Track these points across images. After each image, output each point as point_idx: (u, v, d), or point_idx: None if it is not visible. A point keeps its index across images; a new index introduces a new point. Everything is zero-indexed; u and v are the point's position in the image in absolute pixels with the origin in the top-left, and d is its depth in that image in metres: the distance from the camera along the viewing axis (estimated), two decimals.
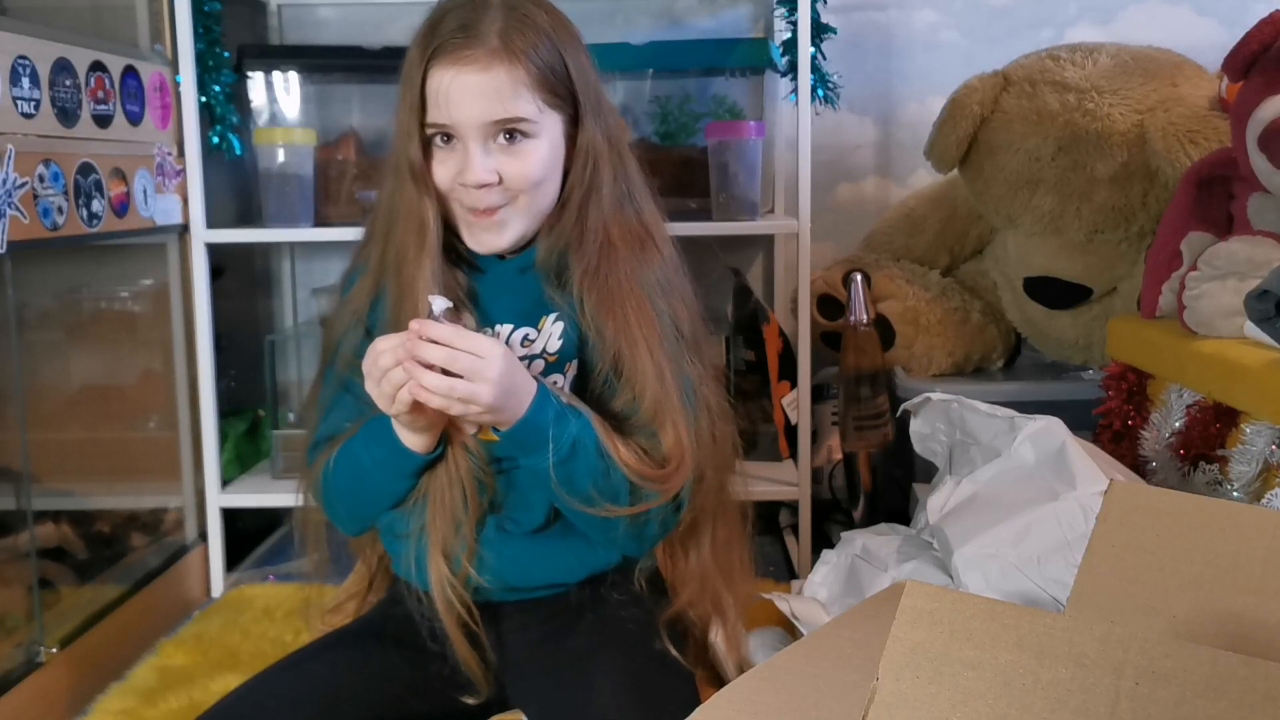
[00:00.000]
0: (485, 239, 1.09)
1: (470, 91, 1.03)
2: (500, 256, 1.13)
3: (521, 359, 1.08)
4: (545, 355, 1.12)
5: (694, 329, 1.15)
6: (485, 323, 1.11)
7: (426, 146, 1.07)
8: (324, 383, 1.16)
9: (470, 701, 1.10)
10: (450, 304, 1.01)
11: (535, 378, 1.04)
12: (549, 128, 1.07)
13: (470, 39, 1.03)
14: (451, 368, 0.96)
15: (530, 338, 1.11)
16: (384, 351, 0.98)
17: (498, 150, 1.06)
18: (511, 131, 1.05)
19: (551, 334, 1.12)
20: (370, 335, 1.10)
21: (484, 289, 1.13)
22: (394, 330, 1.03)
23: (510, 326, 1.12)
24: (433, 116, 1.05)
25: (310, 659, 1.10)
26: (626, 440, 1.06)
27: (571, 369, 1.12)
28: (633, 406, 1.08)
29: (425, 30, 1.06)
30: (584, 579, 1.13)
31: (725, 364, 2.07)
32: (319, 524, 1.18)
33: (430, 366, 0.96)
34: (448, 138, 1.06)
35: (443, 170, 1.07)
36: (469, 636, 1.08)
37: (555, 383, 1.10)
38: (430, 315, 0.99)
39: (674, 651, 1.09)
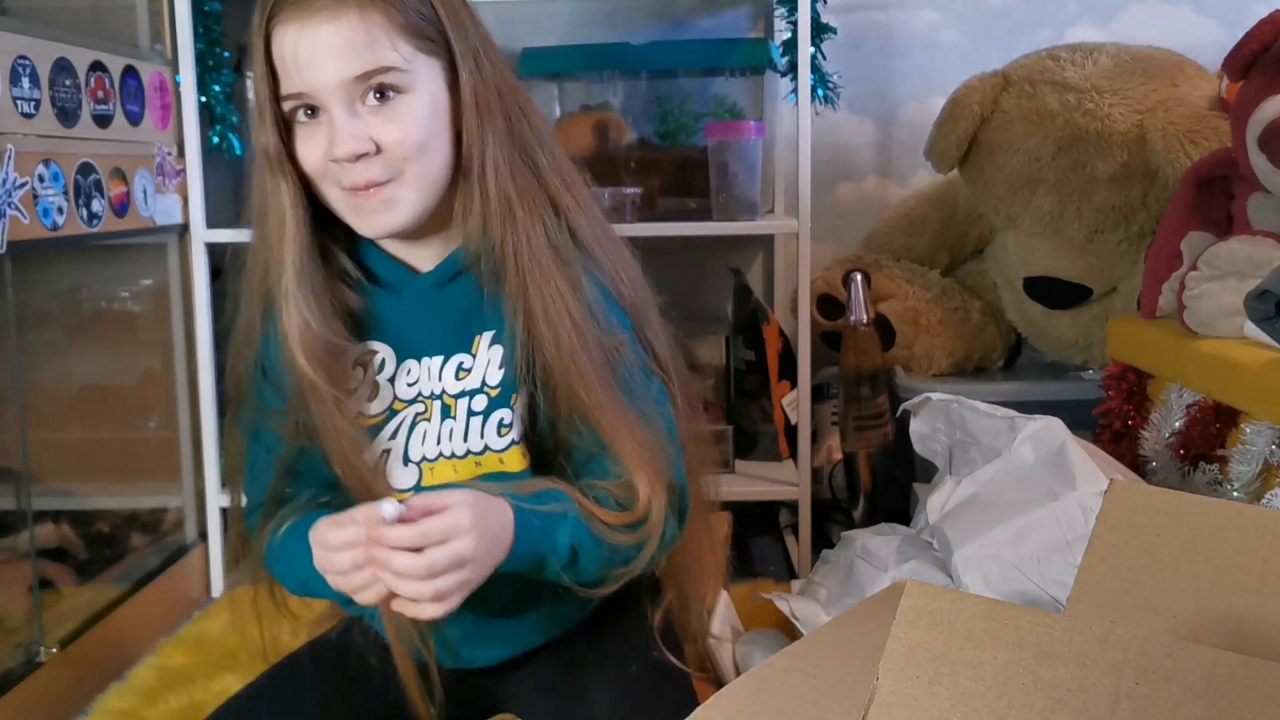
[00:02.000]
0: (376, 220, 0.93)
1: (321, 46, 0.88)
2: (415, 271, 0.99)
3: (458, 396, 0.95)
4: (486, 389, 0.97)
5: (636, 296, 1.02)
6: (411, 354, 0.97)
7: (288, 126, 0.92)
8: (232, 438, 1.03)
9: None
10: (401, 507, 0.83)
11: (504, 497, 0.89)
12: (426, 78, 0.92)
13: None
14: (424, 543, 0.82)
15: (465, 367, 0.96)
16: (338, 550, 0.83)
17: (368, 113, 0.90)
18: (381, 89, 0.90)
19: (490, 360, 0.96)
20: (267, 376, 0.98)
21: (400, 313, 0.98)
22: (285, 372, 0.92)
23: (440, 359, 0.97)
24: (285, 86, 0.90)
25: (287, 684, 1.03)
26: (608, 500, 0.94)
27: (520, 402, 0.96)
28: (597, 443, 0.95)
29: None
30: (561, 632, 1.05)
31: (725, 364, 2.08)
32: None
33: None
34: (311, 110, 0.91)
35: (311, 150, 0.92)
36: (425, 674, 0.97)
37: (503, 420, 0.96)
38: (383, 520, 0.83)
39: (670, 657, 1.05)
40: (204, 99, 1.85)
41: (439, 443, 0.97)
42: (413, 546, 0.81)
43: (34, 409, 1.55)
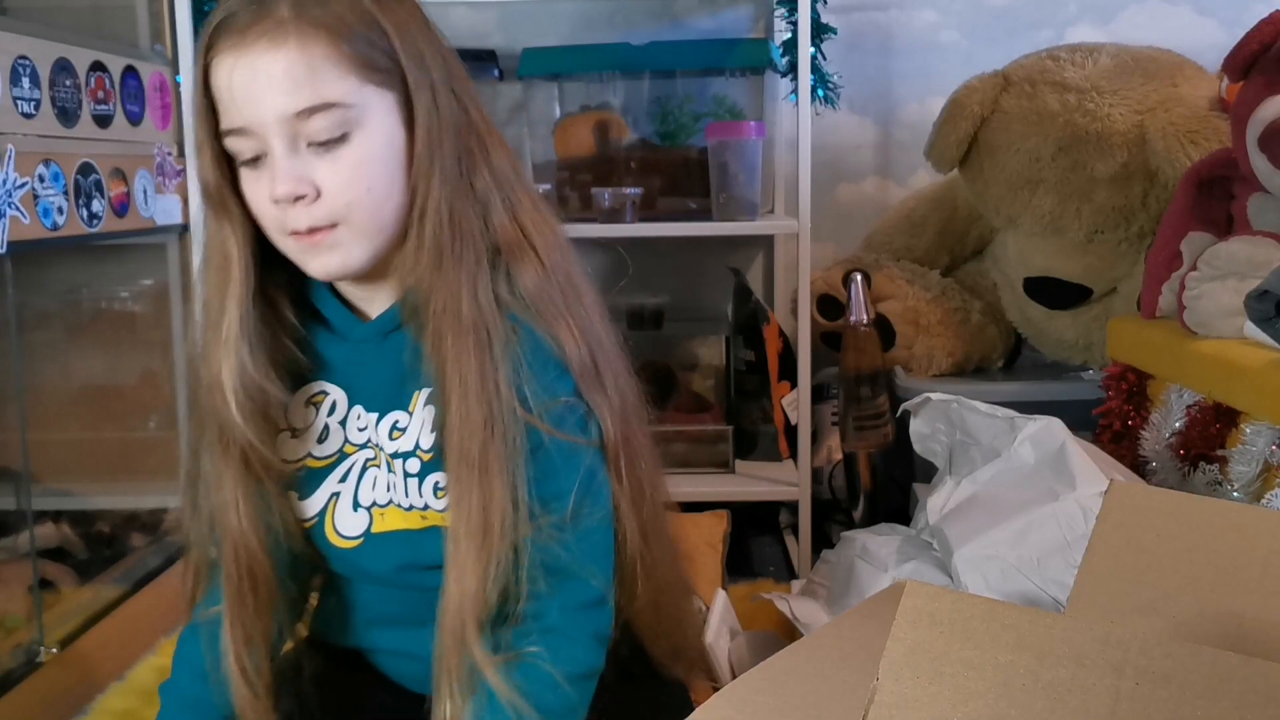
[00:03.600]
0: (322, 262, 0.87)
1: (259, 78, 0.82)
2: (364, 317, 0.93)
3: (393, 456, 0.90)
4: (419, 452, 0.90)
5: (587, 355, 0.90)
6: (360, 401, 0.93)
7: (230, 163, 0.87)
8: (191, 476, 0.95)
9: None
10: None
11: None
12: (377, 113, 0.85)
13: (256, 11, 0.82)
14: None
15: (400, 425, 0.91)
16: None
17: (311, 153, 0.84)
18: (324, 131, 0.83)
19: (424, 421, 0.89)
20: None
21: (347, 359, 0.94)
22: (206, 446, 0.88)
23: (375, 415, 0.92)
24: (225, 121, 0.84)
25: None
26: (534, 679, 0.84)
27: None
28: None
29: (208, 21, 0.85)
30: None
31: (725, 364, 2.08)
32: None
33: None
34: (255, 159, 0.85)
35: (255, 191, 0.86)
36: None
37: (438, 484, 0.89)
38: None
39: (665, 669, 1.03)
40: None
41: (389, 489, 0.92)
42: None
43: (34, 409, 1.55)
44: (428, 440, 0.89)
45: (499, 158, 0.91)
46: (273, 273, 0.91)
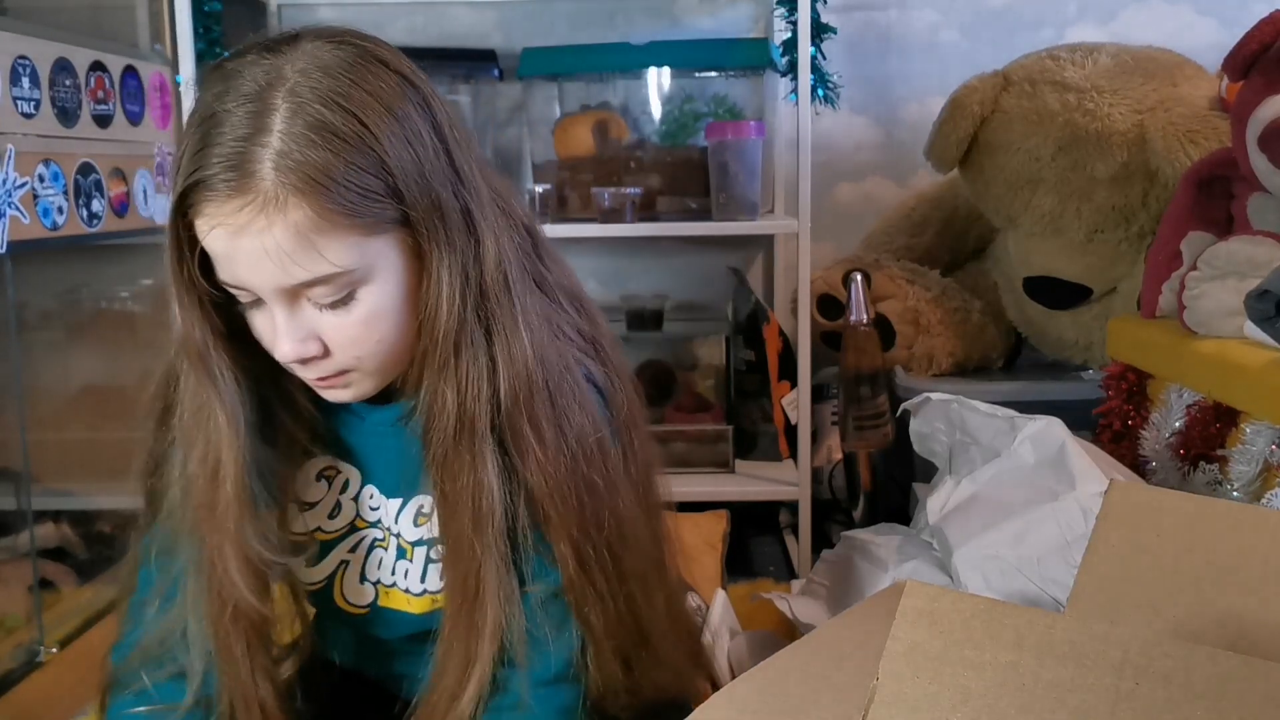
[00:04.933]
0: (333, 395, 0.85)
1: (252, 256, 0.75)
2: (372, 402, 0.88)
3: (415, 543, 0.88)
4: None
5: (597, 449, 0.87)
6: (374, 481, 0.91)
7: (216, 310, 0.81)
8: (133, 544, 0.93)
9: None
10: None
11: None
12: (382, 263, 0.78)
13: (236, 178, 0.73)
14: None
15: (425, 511, 0.88)
16: None
17: (315, 311, 0.79)
18: (326, 296, 0.78)
19: None
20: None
21: (362, 441, 0.91)
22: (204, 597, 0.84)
23: (398, 501, 0.89)
24: (220, 272, 0.78)
25: None
26: None
27: None
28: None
29: (189, 148, 0.75)
30: None
31: (725, 364, 2.08)
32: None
33: None
34: (256, 301, 0.79)
35: (261, 325, 0.81)
36: None
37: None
38: None
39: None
40: None
41: (393, 574, 0.91)
42: None
43: (34, 409, 1.55)
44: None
45: (502, 242, 0.83)
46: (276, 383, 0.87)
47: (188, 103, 1.79)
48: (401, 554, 0.91)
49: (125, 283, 1.86)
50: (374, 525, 0.92)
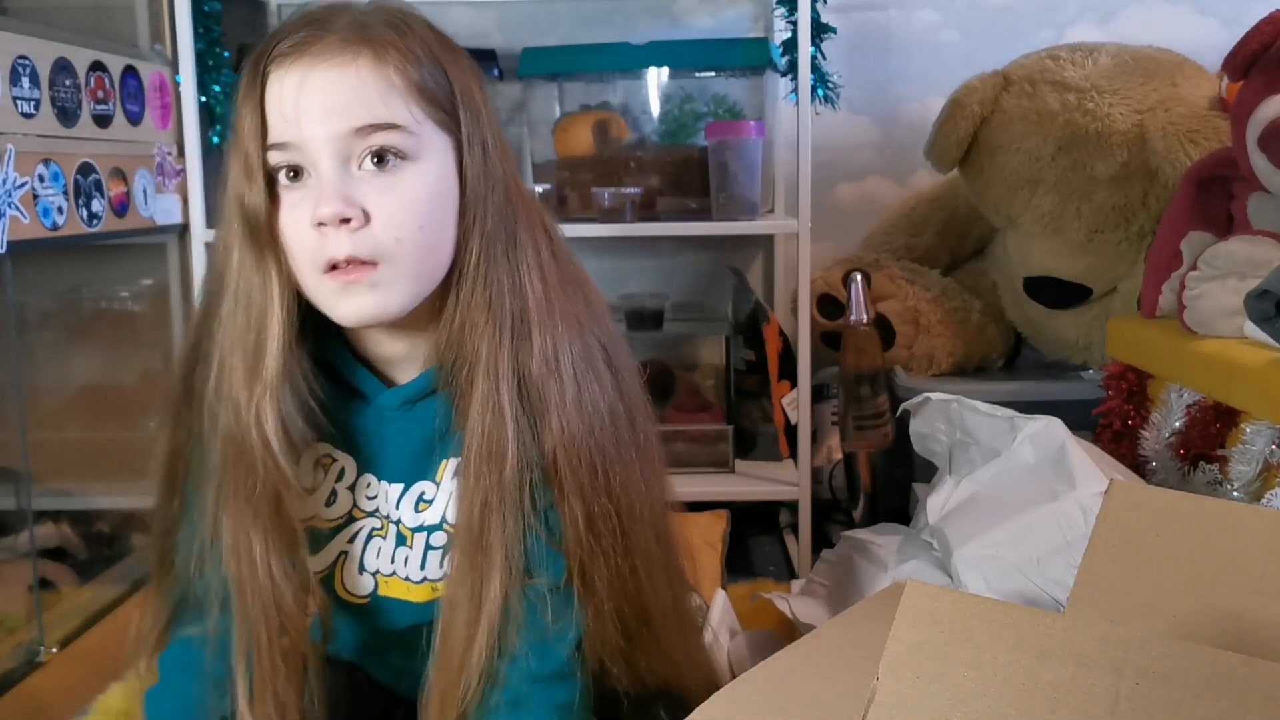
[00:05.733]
0: (357, 303, 0.81)
1: (322, 91, 0.78)
2: (389, 382, 0.89)
3: (415, 529, 0.88)
4: (445, 526, 0.88)
5: (627, 406, 0.90)
6: (372, 470, 0.90)
7: (271, 189, 0.81)
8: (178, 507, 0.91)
9: None
10: None
11: None
12: (434, 150, 0.82)
13: (320, 30, 0.79)
14: None
15: (427, 498, 0.88)
16: None
17: (363, 177, 0.80)
18: (382, 152, 0.79)
19: (452, 492, 0.87)
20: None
21: (364, 426, 0.89)
22: (226, 496, 0.82)
23: (399, 486, 0.89)
24: (274, 134, 0.79)
25: None
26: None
27: None
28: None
29: (267, 38, 0.82)
30: None
31: (725, 364, 2.08)
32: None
33: None
34: (295, 172, 0.80)
35: (293, 219, 0.80)
36: None
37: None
38: None
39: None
40: (204, 99, 1.85)
41: (392, 562, 0.90)
42: None
43: (34, 409, 1.55)
44: (453, 513, 0.86)
45: (531, 224, 0.88)
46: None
47: (188, 103, 1.79)
48: (401, 541, 0.90)
49: (125, 283, 1.86)
50: (371, 515, 0.91)
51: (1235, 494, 1.25)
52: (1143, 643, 0.60)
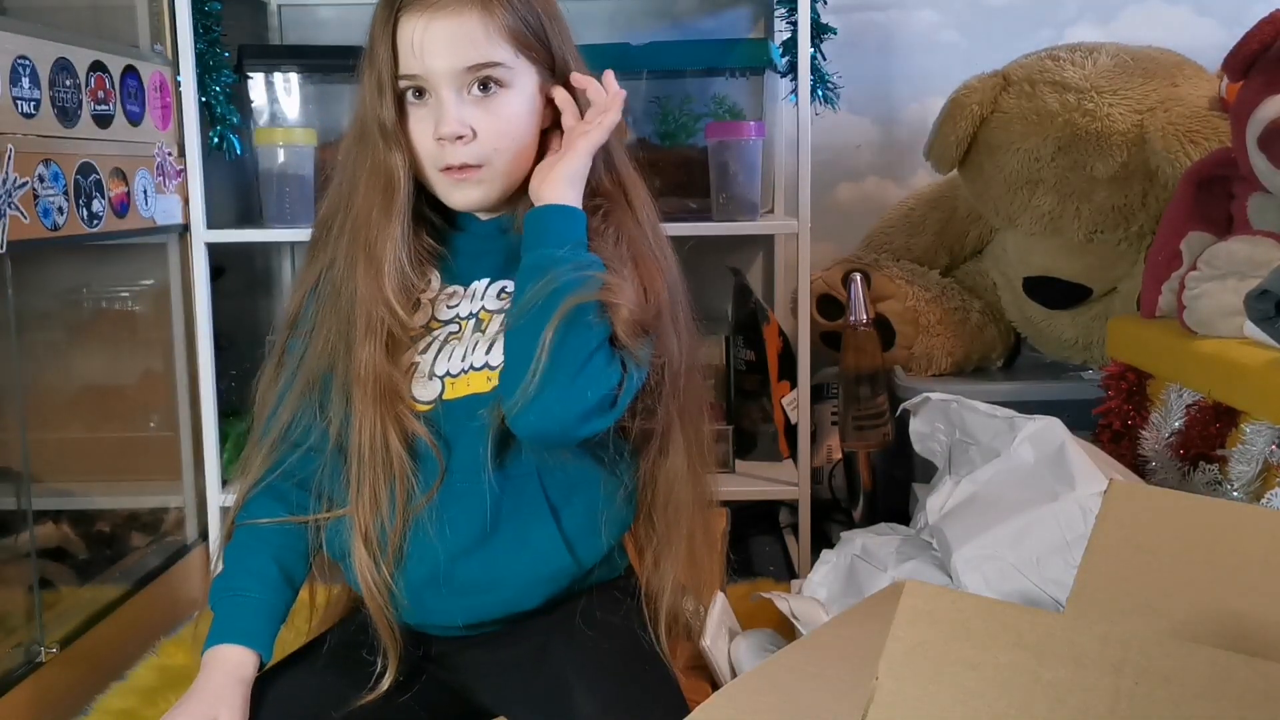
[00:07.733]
0: (463, 192, 1.06)
1: (442, 38, 1.01)
2: (479, 217, 1.11)
3: (496, 311, 1.07)
4: None
5: (676, 297, 1.15)
6: (460, 281, 1.09)
7: (400, 105, 1.04)
8: (273, 386, 1.10)
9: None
10: None
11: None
12: (524, 80, 1.06)
13: None
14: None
15: (508, 290, 1.07)
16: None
17: (471, 103, 1.03)
18: (485, 81, 1.03)
19: None
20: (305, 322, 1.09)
21: (461, 247, 1.11)
22: (343, 304, 1.04)
23: (487, 280, 1.09)
24: (405, 68, 1.03)
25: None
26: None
27: None
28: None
29: None
30: (544, 602, 1.05)
31: (725, 364, 2.08)
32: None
33: None
34: (420, 93, 1.04)
35: (420, 128, 1.05)
36: (408, 638, 1.03)
37: None
38: None
39: (662, 654, 1.03)
40: (204, 99, 1.84)
41: (464, 359, 1.05)
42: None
43: (34, 409, 1.55)
44: None
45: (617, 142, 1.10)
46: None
47: (188, 103, 1.79)
48: (478, 326, 1.06)
49: (125, 283, 1.86)
50: (448, 323, 1.08)
51: (1235, 494, 1.25)
52: (1143, 643, 0.60)
